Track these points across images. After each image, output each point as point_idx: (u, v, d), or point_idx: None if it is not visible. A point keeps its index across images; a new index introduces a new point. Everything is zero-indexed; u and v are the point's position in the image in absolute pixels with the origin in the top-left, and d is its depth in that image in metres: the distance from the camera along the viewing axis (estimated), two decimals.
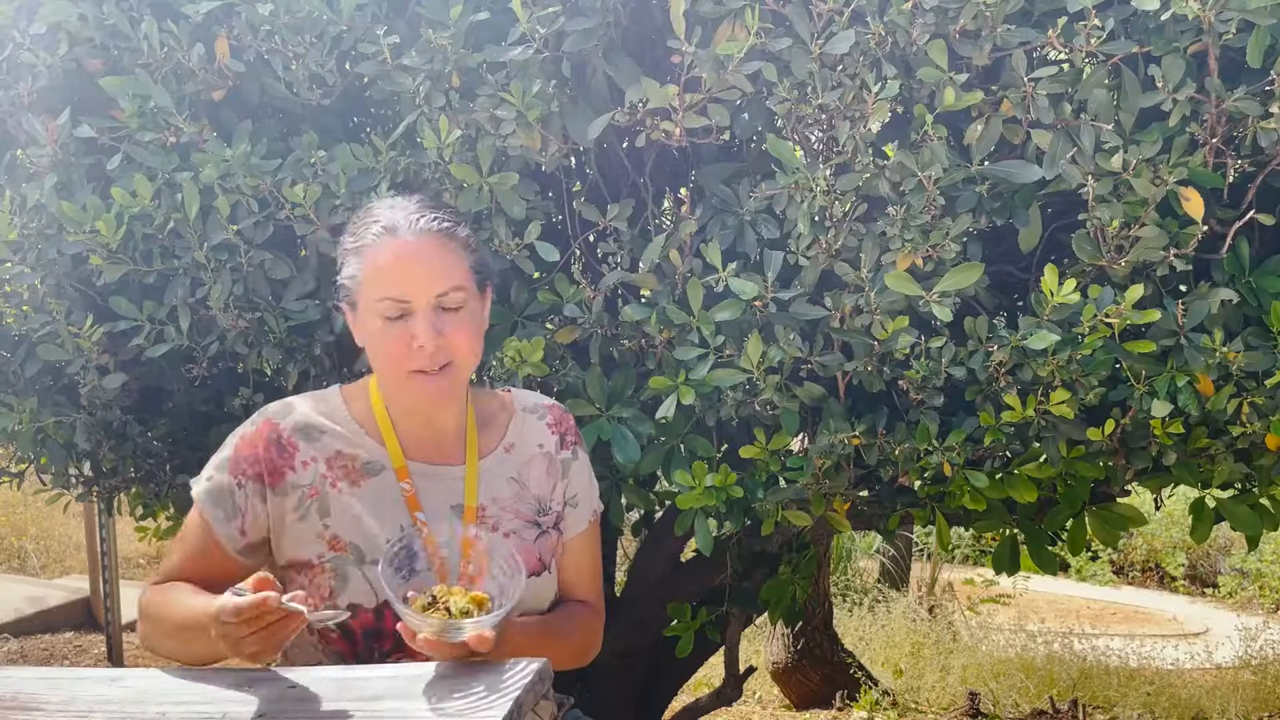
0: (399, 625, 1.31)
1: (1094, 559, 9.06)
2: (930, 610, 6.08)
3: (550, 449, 1.62)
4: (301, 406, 1.54)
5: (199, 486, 1.52)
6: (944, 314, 1.79)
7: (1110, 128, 1.73)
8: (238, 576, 1.34)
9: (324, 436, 1.52)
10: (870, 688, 4.36)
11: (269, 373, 2.31)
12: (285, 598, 1.26)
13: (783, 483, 2.06)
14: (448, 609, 1.30)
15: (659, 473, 2.13)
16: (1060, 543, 2.28)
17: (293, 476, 1.49)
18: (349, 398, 1.57)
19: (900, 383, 1.92)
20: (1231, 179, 1.77)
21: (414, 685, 1.28)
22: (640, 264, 1.97)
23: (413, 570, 1.40)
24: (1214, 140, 1.73)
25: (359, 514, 1.49)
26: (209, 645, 1.33)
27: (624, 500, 2.23)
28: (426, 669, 1.31)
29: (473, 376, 1.59)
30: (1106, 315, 1.77)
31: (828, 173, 1.81)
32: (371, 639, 1.48)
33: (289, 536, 1.50)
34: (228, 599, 1.26)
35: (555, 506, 1.61)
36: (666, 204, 2.35)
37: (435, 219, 1.47)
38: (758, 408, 1.98)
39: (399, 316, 1.44)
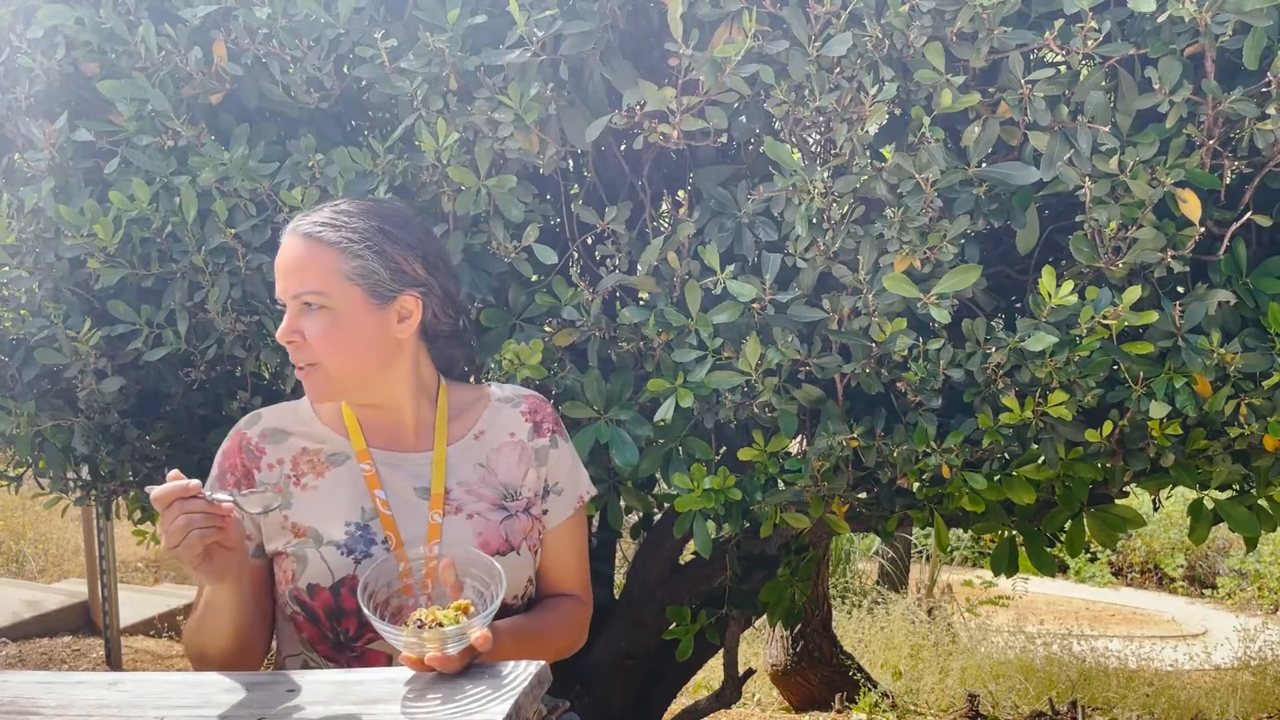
0: (399, 658, 1.31)
1: (1092, 560, 9.07)
2: (929, 612, 6.08)
3: (522, 437, 1.64)
4: (269, 414, 1.62)
5: None
6: (942, 316, 1.79)
7: (1107, 129, 1.72)
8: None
9: (290, 438, 1.59)
10: (869, 690, 4.36)
11: (267, 376, 2.31)
12: (212, 493, 1.36)
13: (781, 485, 2.05)
14: (439, 624, 1.30)
15: (657, 475, 2.13)
16: (1059, 544, 2.28)
17: (259, 476, 1.57)
18: (318, 405, 1.63)
19: (898, 385, 1.92)
20: (1228, 180, 1.77)
21: (413, 688, 1.28)
22: (638, 266, 1.97)
23: (388, 588, 1.42)
24: (1211, 142, 1.73)
25: (319, 499, 1.55)
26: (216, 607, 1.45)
27: (622, 503, 2.23)
28: (425, 673, 1.31)
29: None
30: (1104, 317, 1.77)
31: (825, 175, 1.81)
32: (334, 619, 1.52)
33: (265, 531, 1.57)
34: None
35: (526, 493, 1.62)
36: (664, 206, 2.35)
37: (314, 222, 1.49)
38: (756, 410, 1.98)
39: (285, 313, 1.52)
